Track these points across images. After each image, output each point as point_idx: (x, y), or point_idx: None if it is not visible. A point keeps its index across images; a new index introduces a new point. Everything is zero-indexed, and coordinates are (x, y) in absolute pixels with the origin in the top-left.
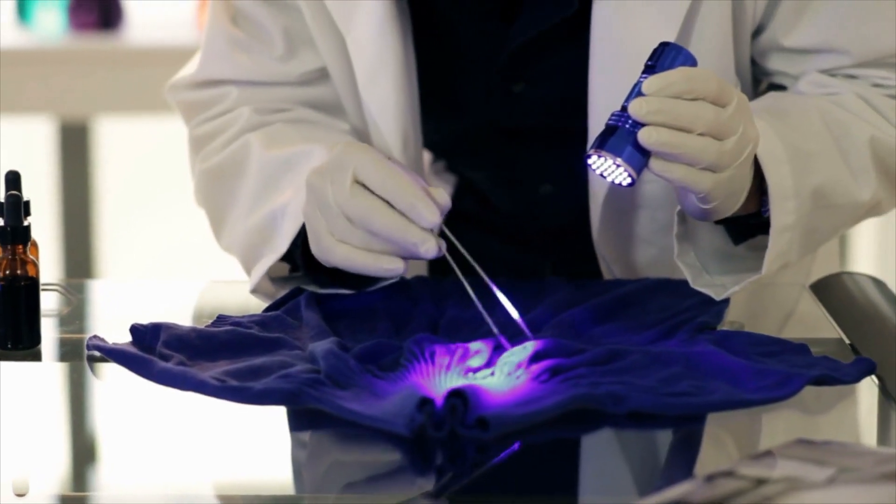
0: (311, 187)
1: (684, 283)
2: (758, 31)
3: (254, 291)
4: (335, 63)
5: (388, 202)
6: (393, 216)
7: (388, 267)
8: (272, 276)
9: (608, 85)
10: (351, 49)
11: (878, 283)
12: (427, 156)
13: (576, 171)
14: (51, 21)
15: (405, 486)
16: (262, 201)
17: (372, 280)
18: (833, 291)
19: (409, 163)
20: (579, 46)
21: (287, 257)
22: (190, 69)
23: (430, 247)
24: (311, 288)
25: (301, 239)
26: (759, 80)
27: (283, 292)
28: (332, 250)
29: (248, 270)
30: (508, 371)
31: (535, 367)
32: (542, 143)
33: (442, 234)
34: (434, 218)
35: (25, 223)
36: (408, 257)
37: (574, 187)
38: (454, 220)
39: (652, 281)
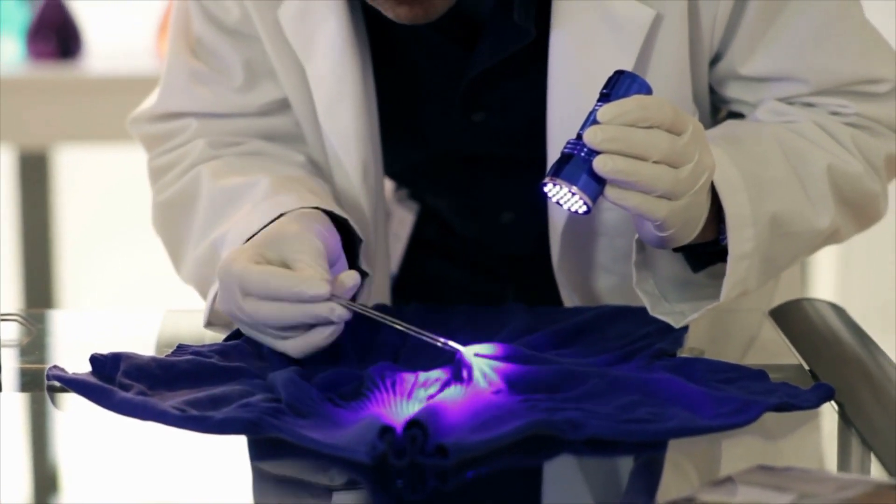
0: (226, 313)
1: (643, 310)
2: (715, 60)
3: (209, 325)
4: (296, 94)
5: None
6: (292, 307)
7: (328, 334)
8: None
9: (566, 113)
10: (311, 79)
11: (838, 310)
12: (390, 184)
13: (536, 199)
14: (9, 50)
15: None
16: (209, 232)
17: None
18: (793, 318)
19: (369, 192)
20: (538, 75)
21: None
22: (151, 101)
23: (341, 313)
24: None
25: None
26: (718, 108)
27: None
28: (281, 348)
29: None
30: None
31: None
32: (503, 171)
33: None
34: (322, 290)
35: None
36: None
37: (535, 215)
38: (418, 247)
39: (611, 308)
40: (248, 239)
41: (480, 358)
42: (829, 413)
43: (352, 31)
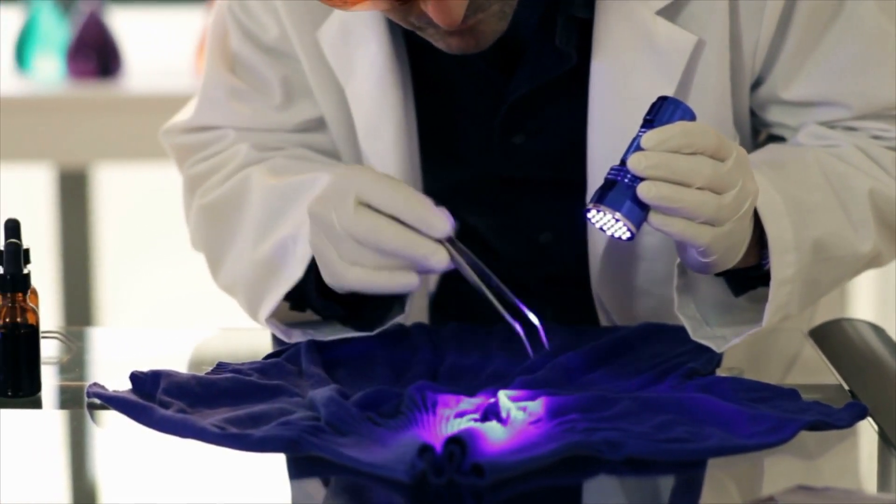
0: (314, 216)
1: (681, 328)
2: (757, 84)
3: (270, 317)
4: (334, 114)
5: (395, 217)
6: (401, 231)
7: (404, 282)
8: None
9: (607, 137)
10: (351, 101)
11: (878, 330)
12: None
13: (575, 220)
14: (49, 69)
15: None
16: (270, 231)
17: (381, 314)
18: (833, 338)
19: None
20: (578, 99)
21: (294, 290)
22: (185, 115)
23: (442, 258)
24: (319, 336)
25: (312, 267)
26: (758, 131)
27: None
28: (344, 275)
29: (253, 306)
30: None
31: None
32: (542, 192)
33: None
34: (444, 227)
35: (25, 271)
36: (420, 271)
37: (574, 236)
38: None
39: (648, 326)
40: None
41: (512, 399)
42: (868, 433)
43: (392, 54)
